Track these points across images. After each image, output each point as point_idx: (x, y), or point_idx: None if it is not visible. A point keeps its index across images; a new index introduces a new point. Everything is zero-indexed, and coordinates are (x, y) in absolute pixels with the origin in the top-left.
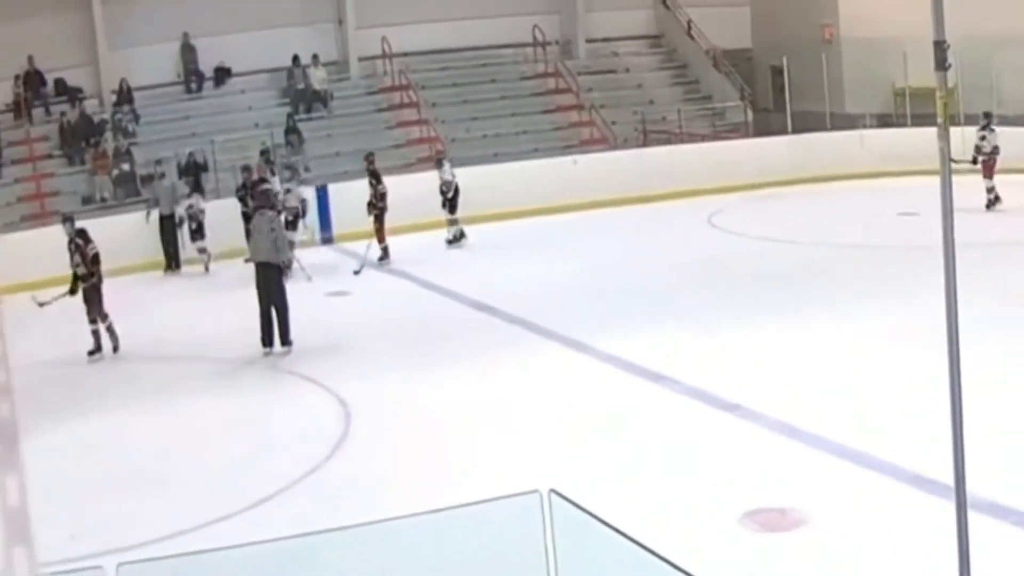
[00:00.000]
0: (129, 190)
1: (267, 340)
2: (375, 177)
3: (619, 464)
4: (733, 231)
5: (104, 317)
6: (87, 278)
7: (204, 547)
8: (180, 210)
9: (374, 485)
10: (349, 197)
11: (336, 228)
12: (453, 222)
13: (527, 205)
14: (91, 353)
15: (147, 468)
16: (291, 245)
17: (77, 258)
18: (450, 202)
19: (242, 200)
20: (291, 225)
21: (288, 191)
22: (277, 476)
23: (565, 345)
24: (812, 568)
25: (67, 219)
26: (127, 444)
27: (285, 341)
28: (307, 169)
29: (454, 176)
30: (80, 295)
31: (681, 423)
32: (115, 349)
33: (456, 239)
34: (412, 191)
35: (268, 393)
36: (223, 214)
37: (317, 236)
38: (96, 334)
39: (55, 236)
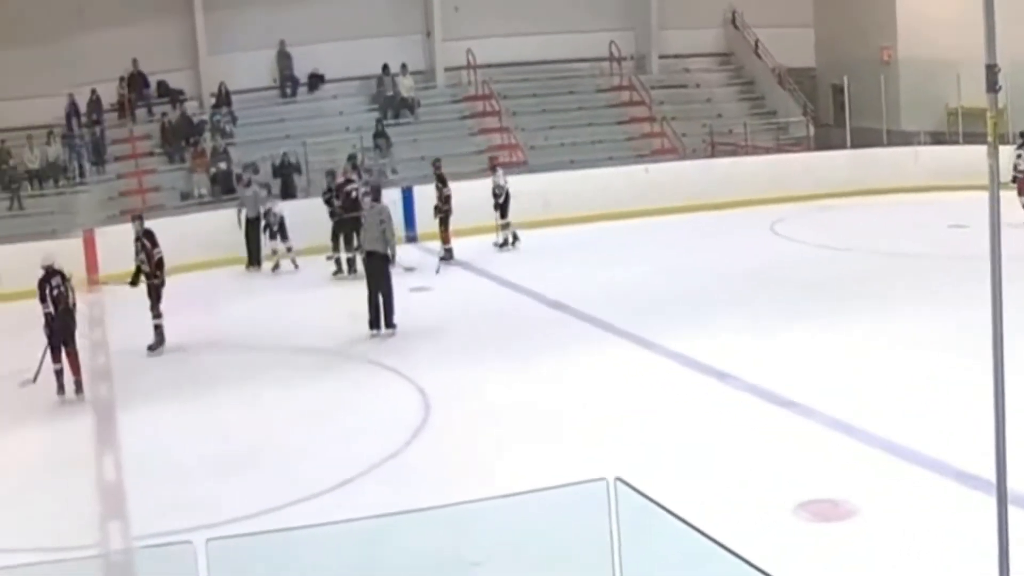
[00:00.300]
0: (225, 188)
1: (374, 323)
2: (441, 181)
3: (681, 455)
4: (794, 238)
5: (158, 315)
6: (150, 277)
7: (288, 525)
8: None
9: (450, 470)
10: (433, 199)
11: (419, 228)
12: (505, 226)
13: (601, 210)
14: (152, 348)
15: (236, 449)
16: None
17: (142, 256)
18: (501, 207)
19: (327, 203)
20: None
21: (367, 193)
22: (359, 460)
23: (634, 342)
24: (861, 556)
25: (136, 218)
26: (218, 426)
27: (389, 324)
28: (394, 171)
29: (506, 182)
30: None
31: (741, 418)
32: (153, 348)
33: (507, 243)
34: (489, 193)
35: (353, 382)
36: (310, 214)
37: (402, 235)
38: (159, 328)
39: (156, 230)
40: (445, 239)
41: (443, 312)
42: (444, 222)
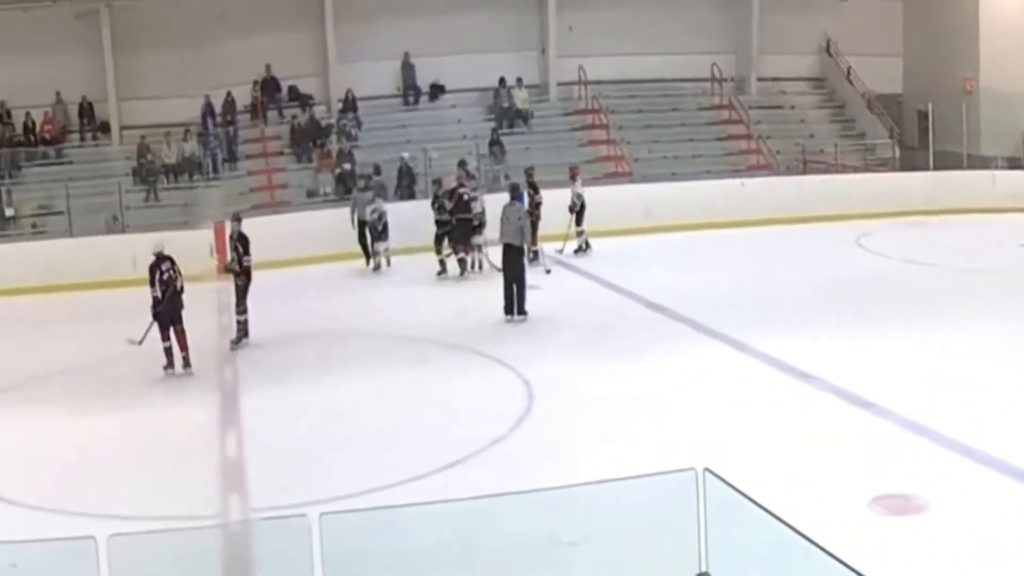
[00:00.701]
0: (349, 187)
1: (509, 309)
2: (533, 188)
3: (766, 449)
4: (878, 252)
5: (243, 312)
6: (239, 276)
7: (397, 503)
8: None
9: (549, 456)
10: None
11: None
12: (580, 233)
13: (699, 219)
14: (234, 343)
15: (352, 430)
16: (479, 247)
17: (234, 255)
18: (578, 215)
19: (436, 209)
20: (477, 229)
21: (474, 198)
22: (465, 444)
23: (725, 343)
24: (931, 549)
25: (236, 218)
26: (335, 408)
27: (521, 311)
28: (507, 177)
29: (583, 192)
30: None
31: (823, 416)
32: (236, 342)
33: (582, 249)
34: (601, 199)
35: (461, 371)
36: (418, 215)
37: None
38: (240, 324)
39: (281, 224)
40: (533, 242)
41: (549, 309)
42: (534, 226)
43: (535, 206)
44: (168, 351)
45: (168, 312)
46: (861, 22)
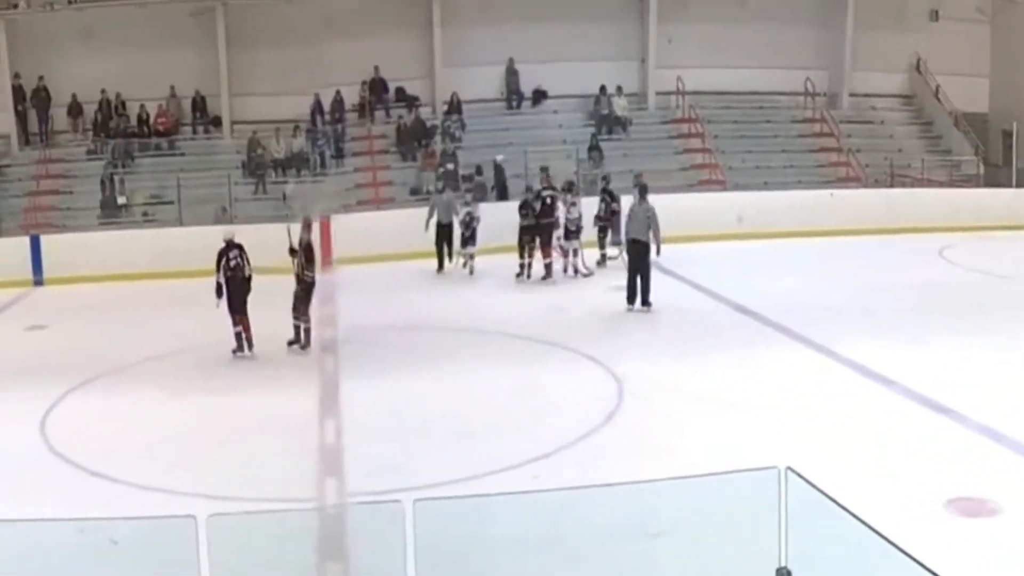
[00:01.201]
0: (451, 186)
1: (631, 299)
2: (611, 196)
3: (845, 450)
4: (960, 264)
5: (307, 319)
6: (301, 280)
7: (489, 491)
8: (456, 218)
9: (637, 451)
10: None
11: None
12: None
13: (789, 227)
14: (290, 343)
15: (446, 420)
16: (575, 252)
17: (300, 261)
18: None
19: (523, 214)
20: (574, 235)
21: (574, 203)
22: (556, 436)
23: (809, 347)
24: (1003, 552)
25: (307, 225)
26: (431, 398)
27: (645, 302)
28: (605, 179)
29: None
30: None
31: (902, 420)
32: (294, 343)
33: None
34: (695, 206)
35: (554, 366)
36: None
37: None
38: (297, 330)
39: (385, 220)
40: (602, 246)
41: (641, 310)
42: (603, 231)
43: (611, 213)
44: (239, 336)
45: (234, 298)
46: (950, 42)
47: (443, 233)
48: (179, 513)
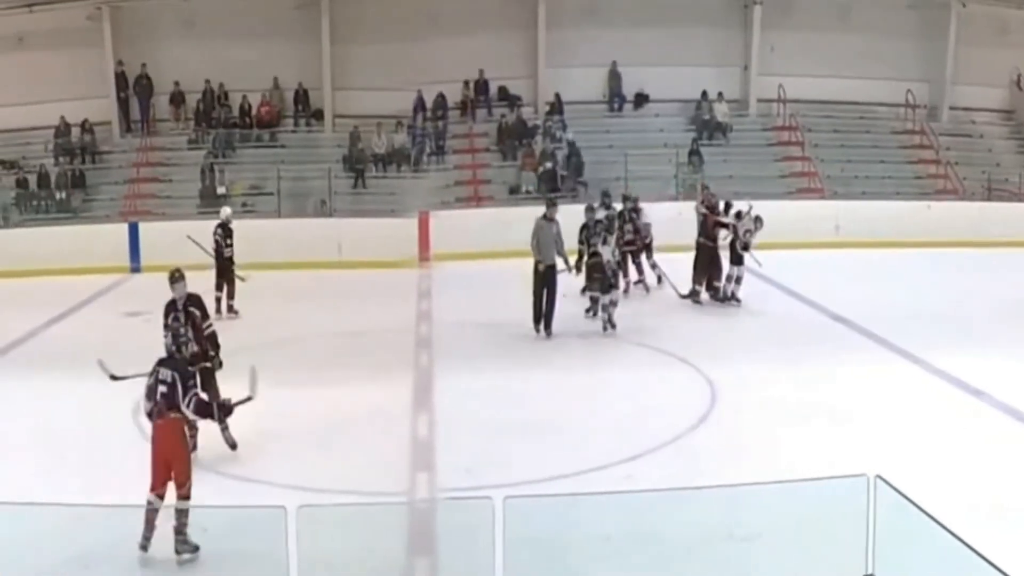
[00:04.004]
0: (550, 186)
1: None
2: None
3: (936, 460)
4: None
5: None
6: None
7: (580, 491)
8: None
9: (728, 455)
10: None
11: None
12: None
13: (886, 237)
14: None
15: (539, 418)
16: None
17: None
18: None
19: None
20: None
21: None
22: (648, 437)
23: (903, 356)
24: None
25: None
26: (524, 395)
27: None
28: (705, 186)
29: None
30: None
31: (994, 432)
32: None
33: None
34: (793, 215)
35: (648, 368)
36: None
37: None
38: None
39: (482, 217)
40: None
41: (736, 315)
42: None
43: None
44: (218, 301)
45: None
46: None
47: (544, 278)
48: (270, 503)
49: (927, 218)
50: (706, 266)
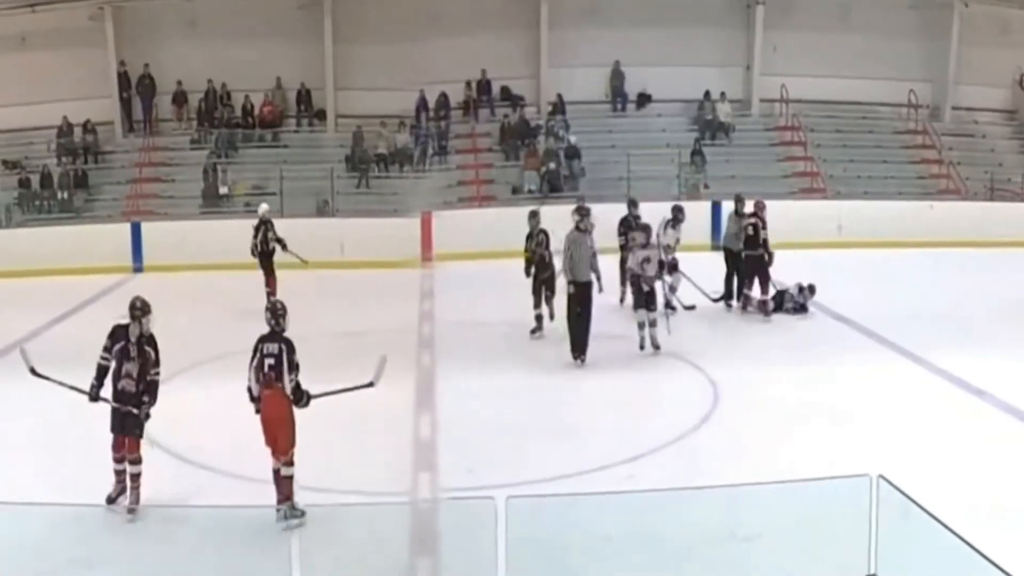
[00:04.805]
0: (553, 186)
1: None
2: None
3: (938, 460)
4: None
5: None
6: None
7: (582, 491)
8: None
9: (730, 455)
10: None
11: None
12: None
13: (888, 237)
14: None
15: (541, 418)
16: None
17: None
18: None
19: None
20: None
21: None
22: (651, 438)
23: (905, 356)
24: None
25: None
26: (527, 397)
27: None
28: (706, 186)
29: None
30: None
31: (995, 432)
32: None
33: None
34: (796, 214)
35: (651, 369)
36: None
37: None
38: None
39: (485, 217)
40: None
41: (741, 316)
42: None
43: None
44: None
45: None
46: None
47: (579, 297)
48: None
49: (929, 218)
50: (750, 276)
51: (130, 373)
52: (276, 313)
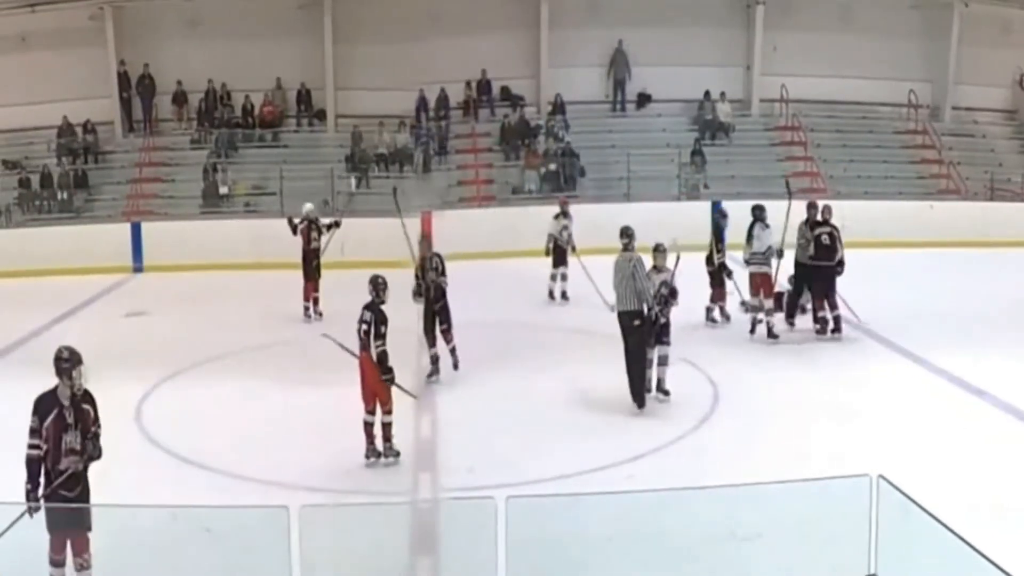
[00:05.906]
0: (553, 186)
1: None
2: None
3: (938, 460)
4: None
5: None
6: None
7: (582, 491)
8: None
9: (730, 455)
10: (742, 213)
11: (728, 239)
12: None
13: (888, 237)
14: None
15: (542, 418)
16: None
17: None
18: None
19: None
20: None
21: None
22: (651, 437)
23: (905, 356)
24: None
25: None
26: (526, 395)
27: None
28: (706, 186)
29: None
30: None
31: (996, 432)
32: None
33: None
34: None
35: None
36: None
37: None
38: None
39: (485, 217)
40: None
41: (738, 318)
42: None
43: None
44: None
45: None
46: None
47: (621, 330)
48: (272, 503)
49: (930, 218)
50: (822, 294)
51: (72, 447)
52: (377, 285)
